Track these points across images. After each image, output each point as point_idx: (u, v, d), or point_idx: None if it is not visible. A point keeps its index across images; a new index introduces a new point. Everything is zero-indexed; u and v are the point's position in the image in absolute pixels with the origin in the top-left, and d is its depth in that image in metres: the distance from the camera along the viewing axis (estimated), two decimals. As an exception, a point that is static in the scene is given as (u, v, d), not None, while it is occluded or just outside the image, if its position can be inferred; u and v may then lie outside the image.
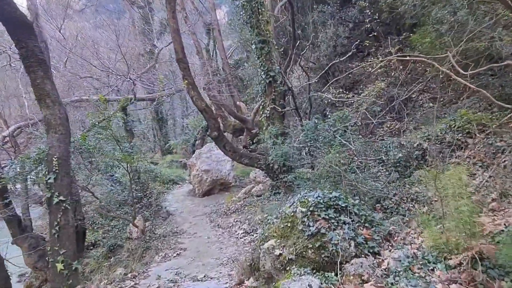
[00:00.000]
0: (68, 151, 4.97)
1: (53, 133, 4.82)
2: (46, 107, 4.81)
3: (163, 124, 27.80)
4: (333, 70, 15.10)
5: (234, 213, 10.33)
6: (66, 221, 4.81)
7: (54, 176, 4.80)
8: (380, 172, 8.54)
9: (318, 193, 5.03)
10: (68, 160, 4.96)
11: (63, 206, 4.81)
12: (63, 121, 4.96)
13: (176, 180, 17.49)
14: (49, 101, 4.82)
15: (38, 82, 4.76)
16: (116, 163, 8.21)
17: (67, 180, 4.86)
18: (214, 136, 10.25)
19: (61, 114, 4.91)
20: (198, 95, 9.88)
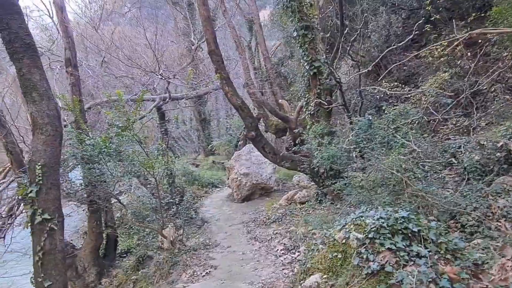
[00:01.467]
0: (58, 157, 4.08)
1: (39, 134, 3.96)
2: (32, 102, 3.96)
3: (206, 125, 27.36)
4: (385, 62, 13.46)
5: (274, 223, 9.14)
6: (52, 245, 3.90)
7: (36, 189, 3.91)
8: (448, 178, 7.02)
9: (379, 212, 3.70)
10: (56, 168, 4.07)
11: (48, 226, 3.89)
12: (52, 119, 4.07)
13: (216, 183, 16.63)
14: (35, 94, 3.95)
15: (24, 71, 3.92)
16: (137, 167, 7.36)
17: (54, 193, 3.96)
18: (251, 136, 9.15)
19: (50, 110, 4.03)
20: (233, 91, 8.83)
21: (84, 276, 9.08)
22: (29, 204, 3.86)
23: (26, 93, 3.93)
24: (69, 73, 8.52)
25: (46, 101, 3.97)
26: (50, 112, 4.01)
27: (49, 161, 3.95)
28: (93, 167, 7.41)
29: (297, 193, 10.75)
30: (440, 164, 6.90)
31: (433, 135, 8.81)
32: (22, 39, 3.87)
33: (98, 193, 7.53)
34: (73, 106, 7.26)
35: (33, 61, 3.96)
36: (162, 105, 12.13)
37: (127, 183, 17.13)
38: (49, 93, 4.04)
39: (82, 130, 7.49)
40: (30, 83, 3.92)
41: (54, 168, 4.00)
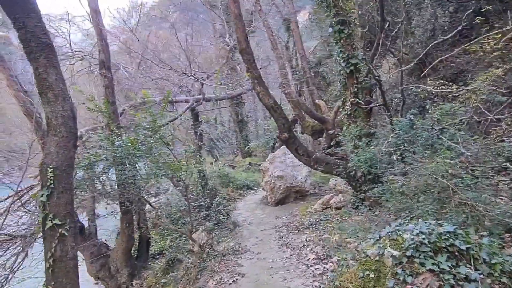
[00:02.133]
0: (72, 160, 3.93)
1: (53, 135, 3.83)
2: (47, 103, 3.84)
3: (244, 126, 27.25)
4: (431, 59, 12.59)
5: (308, 229, 8.69)
6: (63, 251, 3.73)
7: (47, 193, 3.75)
8: (502, 185, 6.24)
9: (419, 226, 3.20)
10: (69, 172, 3.91)
11: (59, 232, 3.74)
12: (67, 120, 3.93)
13: (251, 185, 16.36)
14: (51, 95, 3.83)
15: (40, 71, 3.82)
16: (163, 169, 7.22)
17: (66, 197, 3.79)
18: (284, 138, 8.78)
19: (65, 111, 3.89)
20: (265, 90, 8.51)
21: (116, 277, 9.13)
22: (41, 208, 3.75)
23: (41, 93, 3.84)
24: (102, 75, 8.61)
25: (62, 101, 3.85)
26: (65, 113, 3.88)
27: (62, 164, 3.81)
28: (123, 169, 7.39)
29: (333, 197, 10.21)
30: (493, 169, 6.15)
31: (485, 136, 7.99)
32: (39, 38, 3.78)
33: (126, 194, 7.49)
34: (104, 108, 7.27)
35: (50, 60, 3.86)
36: (196, 107, 12.04)
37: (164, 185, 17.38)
38: (65, 93, 3.92)
39: (112, 132, 7.49)
40: (46, 83, 3.82)
41: (66, 171, 3.87)
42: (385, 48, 10.94)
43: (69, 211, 3.85)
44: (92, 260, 9.01)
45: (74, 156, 4.10)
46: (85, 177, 7.05)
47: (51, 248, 3.70)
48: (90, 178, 7.10)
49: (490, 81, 8.19)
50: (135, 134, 7.17)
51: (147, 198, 17.13)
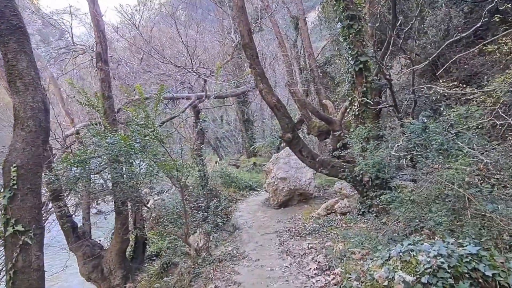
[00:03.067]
0: (40, 158, 3.49)
1: (19, 129, 3.41)
2: (16, 93, 3.42)
3: (249, 125, 26.85)
4: (443, 61, 12.08)
5: (310, 235, 8.24)
6: (26, 262, 3.30)
7: (10, 194, 3.36)
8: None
9: (437, 246, 2.74)
10: (36, 171, 3.48)
11: (21, 239, 3.34)
12: (37, 113, 3.51)
13: (254, 186, 15.94)
14: (20, 84, 3.42)
15: (9, 57, 3.42)
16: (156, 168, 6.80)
17: (31, 200, 3.37)
18: (287, 138, 8.34)
19: (35, 103, 3.48)
20: (267, 88, 8.07)
21: (109, 279, 8.75)
22: (2, 212, 3.33)
23: (10, 81, 3.43)
24: (99, 68, 8.24)
25: (32, 91, 3.45)
26: (35, 104, 3.47)
27: (28, 162, 3.40)
28: (116, 167, 7.01)
29: (337, 202, 9.74)
30: (510, 178, 5.66)
31: (501, 142, 7.48)
32: (9, 20, 3.37)
33: (118, 194, 7.10)
34: (97, 102, 6.89)
35: (21, 45, 3.46)
36: (198, 104, 11.64)
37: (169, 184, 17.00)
38: (37, 82, 3.51)
39: (105, 128, 7.11)
40: (15, 70, 3.42)
41: (33, 170, 3.45)
42: (396, 47, 10.46)
43: (34, 216, 3.43)
44: (85, 261, 8.64)
45: (43, 154, 3.69)
46: (76, 175, 6.67)
47: (12, 258, 3.29)
48: (81, 176, 6.71)
49: (508, 83, 7.70)
50: (129, 131, 6.78)
51: (148, 196, 16.86)
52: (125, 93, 9.33)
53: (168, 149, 6.73)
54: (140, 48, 12.06)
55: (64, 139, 9.26)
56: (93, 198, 9.40)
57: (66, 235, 8.58)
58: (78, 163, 6.50)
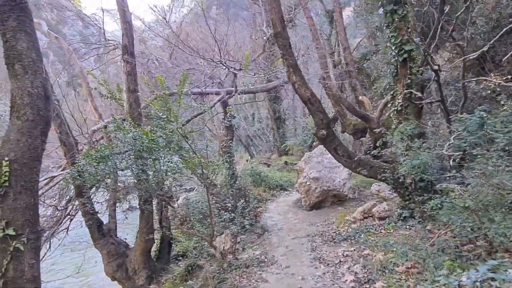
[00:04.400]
0: (36, 150, 3.05)
1: (15, 118, 3.00)
2: (14, 77, 3.02)
3: (281, 124, 26.32)
4: (493, 53, 11.02)
5: (345, 241, 7.56)
6: (17, 271, 2.83)
7: (0, 192, 2.96)
8: None
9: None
10: (33, 166, 3.03)
11: (12, 245, 2.93)
12: (35, 100, 3.09)
13: (285, 185, 15.33)
14: (18, 66, 3.02)
15: (7, 37, 3.04)
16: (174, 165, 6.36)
17: (26, 199, 2.93)
18: (321, 135, 7.68)
19: (34, 88, 3.06)
20: (301, 81, 7.45)
21: (134, 279, 8.47)
22: None
23: (8, 64, 3.05)
24: (125, 61, 7.94)
25: (31, 75, 3.04)
26: (33, 90, 3.06)
27: (22, 156, 2.97)
28: (141, 163, 6.65)
29: (375, 205, 8.98)
30: None
31: None
32: (9, -4, 3.02)
33: (139, 192, 6.75)
34: (120, 95, 6.56)
35: (21, 24, 3.05)
36: (227, 100, 11.19)
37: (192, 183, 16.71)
38: (37, 66, 3.10)
39: (127, 122, 6.78)
40: (14, 51, 3.02)
41: (29, 165, 3.02)
42: (441, 39, 9.55)
43: (29, 218, 3.00)
44: (109, 259, 8.41)
45: (42, 147, 3.27)
46: (99, 171, 6.37)
47: (1, 267, 2.89)
48: (103, 172, 6.40)
49: None
50: (152, 126, 6.41)
51: (178, 194, 16.64)
52: (147, 84, 9.01)
53: (193, 145, 6.28)
54: (170, 42, 11.76)
55: (90, 135, 9.08)
56: (123, 195, 9.18)
57: (91, 232, 8.38)
58: (100, 158, 6.20)
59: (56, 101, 7.69)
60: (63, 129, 7.67)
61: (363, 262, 6.08)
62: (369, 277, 5.46)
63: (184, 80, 5.96)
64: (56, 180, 8.95)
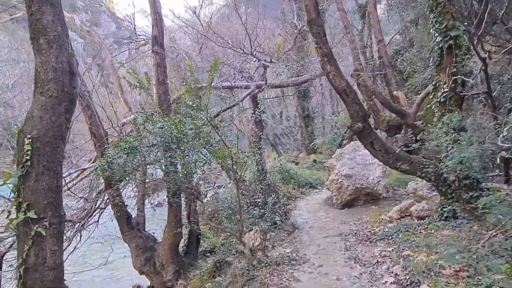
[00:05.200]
0: (60, 129, 2.83)
1: (38, 94, 2.81)
2: (38, 51, 2.83)
3: (310, 122, 25.86)
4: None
5: (382, 241, 7.11)
6: (39, 258, 2.62)
7: (22, 173, 2.72)
8: None
9: None
10: (56, 145, 2.80)
11: (34, 229, 2.72)
12: (60, 75, 2.90)
13: (314, 183, 14.93)
14: (43, 41, 2.83)
15: (33, 10, 2.85)
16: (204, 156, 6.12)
17: (49, 181, 2.71)
18: (357, 129, 7.27)
19: (59, 63, 2.86)
20: (336, 70, 7.07)
21: (161, 273, 8.35)
22: (14, 195, 2.73)
23: (33, 38, 2.86)
24: (154, 52, 7.83)
25: (56, 50, 2.85)
26: (58, 65, 2.87)
27: (45, 134, 2.76)
28: (170, 155, 6.48)
29: (413, 204, 8.46)
30: None
31: None
32: (35, -33, 2.85)
33: (167, 185, 6.58)
34: (148, 84, 6.41)
35: (48, -2, 2.91)
36: (257, 94, 10.93)
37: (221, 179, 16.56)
38: (63, 40, 2.90)
39: (156, 114, 6.62)
40: (39, 25, 2.82)
41: (52, 144, 2.81)
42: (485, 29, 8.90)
43: (51, 201, 2.80)
44: (138, 253, 8.34)
45: (67, 125, 3.07)
46: (127, 163, 6.25)
47: (22, 253, 2.71)
48: (130, 163, 6.28)
49: None
50: (181, 116, 6.22)
51: (208, 189, 16.56)
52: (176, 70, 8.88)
53: (222, 136, 6.03)
54: (201, 33, 11.63)
55: (120, 128, 9.06)
56: (152, 190, 9.11)
57: (119, 225, 8.34)
58: (129, 149, 6.07)
59: (87, 93, 7.69)
60: (93, 120, 7.65)
61: (404, 263, 5.64)
62: (412, 279, 5.02)
63: (216, 64, 5.70)
64: (86, 172, 8.98)
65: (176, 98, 9.81)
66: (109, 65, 11.02)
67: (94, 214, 9.10)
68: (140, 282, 10.11)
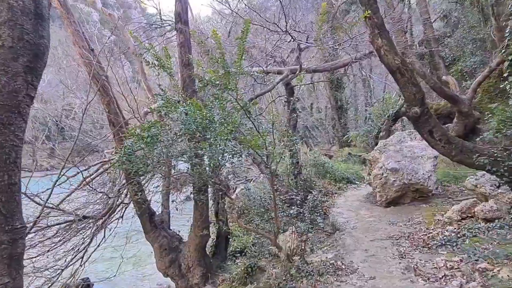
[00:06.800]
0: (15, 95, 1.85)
1: None
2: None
3: (343, 113, 24.52)
4: None
5: (444, 248, 5.97)
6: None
7: None
8: None
9: None
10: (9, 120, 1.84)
11: None
12: (18, 16, 1.95)
13: (352, 178, 13.77)
14: None
15: None
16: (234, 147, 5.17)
17: None
18: (414, 114, 6.13)
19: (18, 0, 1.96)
20: (389, 45, 5.94)
21: (187, 276, 7.57)
22: None
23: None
24: (178, 30, 6.98)
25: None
26: (17, 2, 1.98)
27: None
28: (194, 145, 5.60)
29: (476, 204, 7.22)
30: None
31: None
32: None
33: (191, 179, 5.73)
34: (169, 63, 5.55)
35: None
36: (291, 79, 9.90)
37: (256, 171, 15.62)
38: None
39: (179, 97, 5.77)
40: None
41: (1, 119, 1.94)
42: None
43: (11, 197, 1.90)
44: (162, 253, 7.59)
45: (29, 93, 2.12)
46: (146, 153, 5.44)
47: None
48: (151, 155, 5.45)
49: None
50: (207, 100, 5.33)
51: (237, 182, 15.71)
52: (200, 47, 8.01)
53: (252, 122, 5.07)
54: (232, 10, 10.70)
55: (142, 117, 8.32)
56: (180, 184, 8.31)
57: (142, 223, 7.62)
58: (148, 138, 5.24)
59: (105, 77, 6.95)
60: (111, 107, 6.92)
61: (482, 279, 4.51)
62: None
63: (247, 27, 4.70)
64: (107, 165, 8.31)
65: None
66: (131, 50, 10.34)
67: (117, 210, 8.46)
68: (169, 282, 9.35)
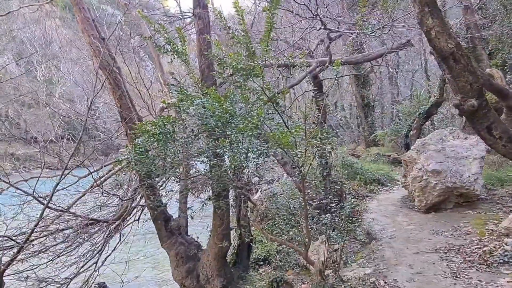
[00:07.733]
0: None
1: None
2: None
3: (369, 111, 23.44)
4: None
5: (507, 266, 5.03)
6: None
7: None
8: None
9: None
10: None
11: None
12: None
13: (383, 180, 12.77)
14: None
15: None
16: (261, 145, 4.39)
17: None
18: (470, 107, 5.20)
19: None
20: (441, 26, 5.04)
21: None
22: None
23: None
24: (196, 16, 6.29)
25: None
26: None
27: None
28: (212, 144, 4.89)
29: (539, 212, 6.20)
30: None
31: None
32: None
33: (212, 182, 5.01)
34: (183, 50, 4.85)
35: None
36: (319, 72, 9.07)
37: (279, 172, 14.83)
38: None
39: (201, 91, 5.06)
40: None
41: None
42: None
43: None
44: (178, 262, 6.94)
45: None
46: (157, 152, 4.77)
47: None
48: (163, 154, 4.78)
49: None
50: (227, 91, 4.59)
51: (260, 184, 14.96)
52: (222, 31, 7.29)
53: (281, 115, 4.29)
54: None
55: (158, 113, 7.70)
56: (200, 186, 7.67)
57: (157, 229, 6.99)
58: (160, 135, 4.57)
59: (117, 69, 6.35)
60: (123, 102, 6.30)
61: None
62: None
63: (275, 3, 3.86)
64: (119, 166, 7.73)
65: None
66: (149, 42, 9.77)
67: (132, 213, 7.89)
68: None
